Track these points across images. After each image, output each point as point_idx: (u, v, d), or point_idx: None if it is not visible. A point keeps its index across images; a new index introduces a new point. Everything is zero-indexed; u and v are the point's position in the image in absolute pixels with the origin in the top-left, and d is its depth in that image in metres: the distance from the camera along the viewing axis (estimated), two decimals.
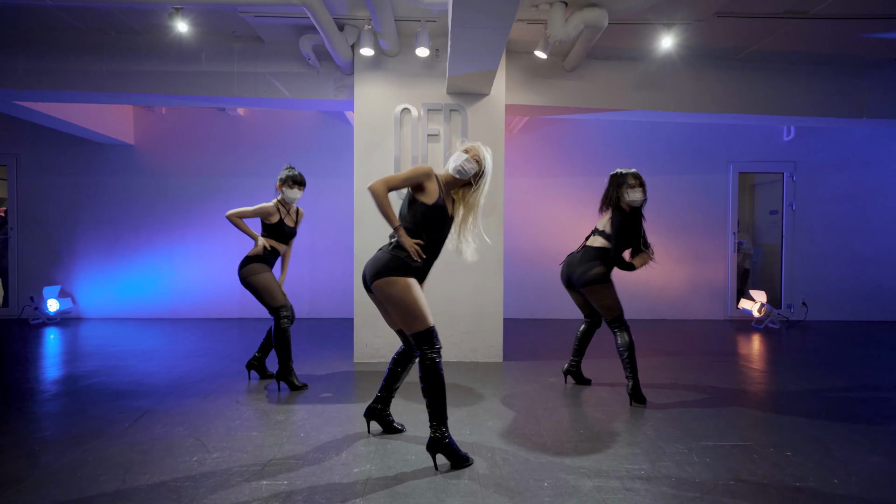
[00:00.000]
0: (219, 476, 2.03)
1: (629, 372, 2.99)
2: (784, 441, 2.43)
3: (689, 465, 2.15)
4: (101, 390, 3.22)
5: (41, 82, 4.23)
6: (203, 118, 6.18)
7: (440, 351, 2.16)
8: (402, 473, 2.07)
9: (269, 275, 3.23)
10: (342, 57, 3.94)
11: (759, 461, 2.20)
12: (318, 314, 6.21)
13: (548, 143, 6.32)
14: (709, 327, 5.81)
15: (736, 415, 2.83)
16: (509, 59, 4.36)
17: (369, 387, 3.33)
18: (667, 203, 6.32)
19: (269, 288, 3.19)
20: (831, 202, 6.41)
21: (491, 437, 2.47)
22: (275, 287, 3.22)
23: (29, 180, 6.11)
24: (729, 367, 3.91)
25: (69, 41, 4.23)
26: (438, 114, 4.10)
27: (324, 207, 6.18)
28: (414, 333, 2.14)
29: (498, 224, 4.09)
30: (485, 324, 4.11)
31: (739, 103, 4.70)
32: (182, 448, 2.31)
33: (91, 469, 2.09)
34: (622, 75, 4.55)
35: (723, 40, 4.26)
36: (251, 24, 3.97)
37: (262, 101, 4.43)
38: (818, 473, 2.09)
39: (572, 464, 2.17)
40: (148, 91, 4.31)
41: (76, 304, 6.11)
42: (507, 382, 3.47)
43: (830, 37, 4.16)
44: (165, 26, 3.96)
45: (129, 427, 2.57)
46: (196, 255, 6.17)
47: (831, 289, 6.39)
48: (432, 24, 3.89)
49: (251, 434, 2.49)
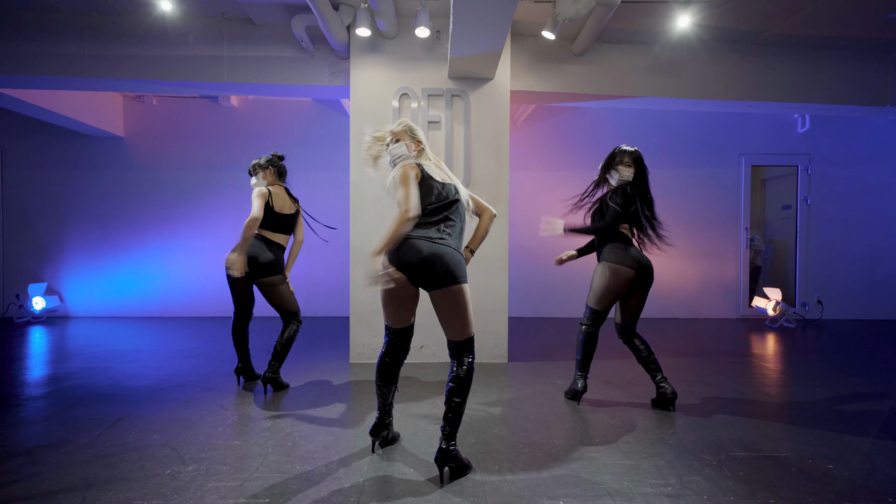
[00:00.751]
0: (192, 493, 1.80)
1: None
2: (823, 452, 2.20)
3: (722, 481, 1.92)
4: (76, 394, 2.99)
5: (18, 67, 3.99)
6: (195, 109, 5.95)
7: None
8: (399, 490, 1.84)
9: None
10: (337, 39, 3.71)
11: (799, 476, 1.97)
12: (314, 312, 5.98)
13: (554, 134, 6.09)
14: (721, 326, 5.57)
15: (764, 422, 2.59)
16: (515, 43, 4.12)
17: (364, 388, 3.09)
18: (677, 197, 6.09)
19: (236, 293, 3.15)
20: (847, 196, 6.16)
21: (498, 447, 2.24)
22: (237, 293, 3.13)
23: (15, 173, 5.89)
24: (748, 369, 3.67)
25: (48, 23, 3.99)
26: (440, 100, 3.86)
27: (319, 202, 5.95)
28: (465, 339, 1.98)
29: (502, 219, 3.86)
30: (489, 323, 3.87)
31: (757, 90, 4.46)
32: (155, 460, 2.08)
33: (49, 484, 1.86)
34: (634, 60, 4.31)
35: (741, 22, 4.01)
36: (240, 4, 3.73)
37: (253, 87, 4.19)
38: (867, 491, 1.85)
39: (589, 478, 1.94)
40: (132, 76, 4.07)
41: (63, 301, 5.88)
42: (513, 385, 3.24)
43: (854, 19, 3.92)
44: (148, 5, 3.73)
45: (100, 435, 2.34)
46: (188, 251, 5.94)
47: (848, 286, 6.15)
48: (433, 3, 3.66)
49: (233, 443, 2.26)
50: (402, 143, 2.11)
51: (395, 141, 2.12)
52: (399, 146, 2.11)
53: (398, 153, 2.10)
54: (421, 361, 3.83)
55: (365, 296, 3.82)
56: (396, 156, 2.10)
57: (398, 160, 2.09)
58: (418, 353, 3.85)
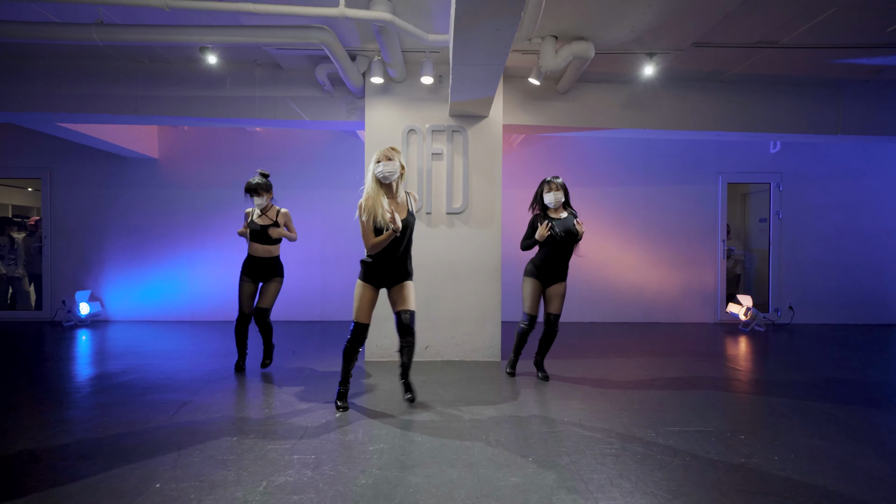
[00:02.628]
0: (257, 451, 2.43)
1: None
2: (742, 427, 2.80)
3: (655, 447, 2.52)
4: (141, 384, 3.62)
5: (81, 106, 4.66)
6: (222, 134, 6.62)
7: None
8: (410, 461, 2.45)
9: (243, 284, 3.92)
10: (354, 83, 4.35)
11: (715, 443, 2.57)
12: (329, 318, 6.61)
13: (546, 155, 6.71)
14: (699, 330, 6.15)
15: (704, 406, 3.19)
16: (506, 84, 4.75)
17: (379, 381, 3.71)
18: (660, 212, 6.70)
19: (239, 296, 3.95)
20: (816, 211, 6.75)
21: (487, 424, 2.85)
22: (241, 296, 3.93)
23: (61, 192, 6.57)
24: (711, 367, 4.26)
25: (107, 69, 4.67)
26: (442, 134, 4.50)
27: (333, 217, 6.60)
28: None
29: (496, 235, 4.47)
30: (484, 326, 4.48)
31: (722, 121, 5.07)
32: (223, 430, 2.71)
33: (149, 447, 2.49)
34: (611, 97, 4.93)
35: (703, 65, 4.63)
36: (272, 55, 4.39)
37: (281, 122, 4.84)
38: (763, 453, 2.45)
39: (555, 444, 2.54)
40: (177, 114, 4.73)
41: (104, 307, 6.54)
42: (503, 379, 3.85)
43: (803, 62, 4.53)
44: (195, 57, 4.39)
45: (174, 414, 2.97)
46: (215, 261, 6.59)
47: (817, 293, 6.72)
48: (436, 55, 4.29)
49: (279, 420, 2.88)
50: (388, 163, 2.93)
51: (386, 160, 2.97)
52: (389, 166, 2.93)
53: (388, 171, 2.94)
54: (428, 360, 4.44)
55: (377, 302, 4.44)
56: (385, 172, 2.93)
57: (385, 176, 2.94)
58: (424, 352, 4.46)
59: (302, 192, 6.54)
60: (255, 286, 3.96)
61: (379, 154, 2.93)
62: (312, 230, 6.57)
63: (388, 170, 2.89)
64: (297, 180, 6.56)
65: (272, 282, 3.97)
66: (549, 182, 3.68)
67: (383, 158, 2.90)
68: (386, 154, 2.91)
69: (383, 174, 2.90)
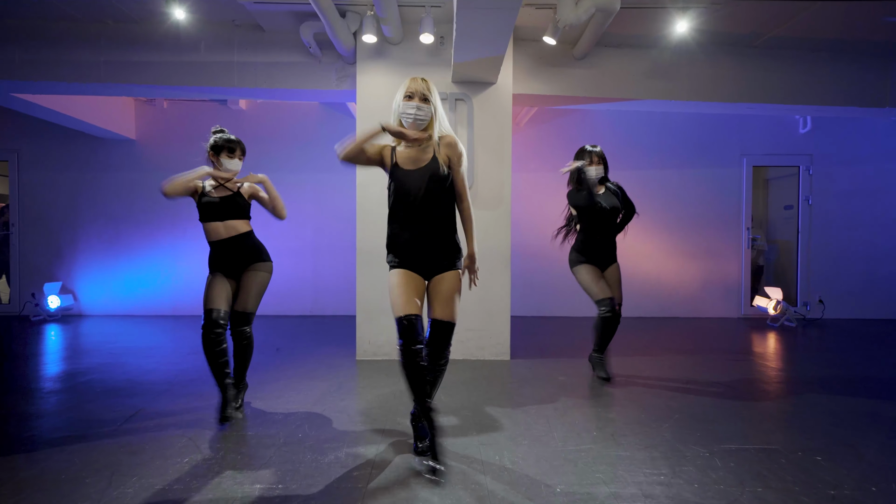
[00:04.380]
0: (209, 478, 1.92)
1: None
2: (812, 445, 2.28)
3: (713, 471, 2.01)
4: (95, 388, 3.12)
5: (38, 73, 4.14)
6: (205, 112, 6.08)
7: None
8: (406, 479, 1.94)
9: (211, 277, 2.75)
10: (344, 45, 3.82)
11: (788, 467, 2.05)
12: (321, 311, 6.10)
13: (556, 135, 6.17)
14: (723, 325, 5.64)
15: (757, 416, 2.67)
16: (516, 47, 4.22)
17: (371, 384, 3.20)
18: (679, 198, 6.17)
19: (206, 289, 2.72)
20: (849, 196, 6.21)
21: (499, 439, 2.34)
22: (208, 293, 2.70)
23: (29, 175, 6.05)
24: (746, 367, 3.75)
25: (65, 31, 4.14)
26: (444, 104, 3.96)
27: (326, 203, 6.08)
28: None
29: (505, 219, 3.96)
30: (492, 321, 3.97)
31: (756, 92, 4.53)
32: (174, 449, 2.20)
33: (76, 470, 1.98)
34: (634, 63, 4.39)
35: (740, 26, 4.09)
36: (250, 12, 3.85)
37: (262, 91, 4.31)
38: (853, 481, 1.93)
39: (586, 468, 2.03)
40: (146, 82, 4.20)
41: (77, 300, 6.04)
42: (515, 381, 3.34)
43: (852, 21, 3.99)
44: (162, 13, 3.86)
45: (121, 426, 2.46)
46: (198, 250, 6.07)
47: (849, 286, 6.19)
48: (437, 10, 3.76)
49: (247, 434, 2.37)
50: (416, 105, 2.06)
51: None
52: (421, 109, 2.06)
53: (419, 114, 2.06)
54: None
55: (370, 295, 3.92)
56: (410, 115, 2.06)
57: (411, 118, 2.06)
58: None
59: (293, 176, 6.00)
60: (228, 282, 2.73)
61: (411, 85, 2.04)
62: (304, 217, 6.04)
63: (420, 116, 2.04)
64: (288, 163, 6.03)
65: (253, 272, 2.69)
66: (590, 152, 3.23)
67: (417, 97, 2.03)
68: (422, 91, 2.04)
69: (415, 117, 2.03)
